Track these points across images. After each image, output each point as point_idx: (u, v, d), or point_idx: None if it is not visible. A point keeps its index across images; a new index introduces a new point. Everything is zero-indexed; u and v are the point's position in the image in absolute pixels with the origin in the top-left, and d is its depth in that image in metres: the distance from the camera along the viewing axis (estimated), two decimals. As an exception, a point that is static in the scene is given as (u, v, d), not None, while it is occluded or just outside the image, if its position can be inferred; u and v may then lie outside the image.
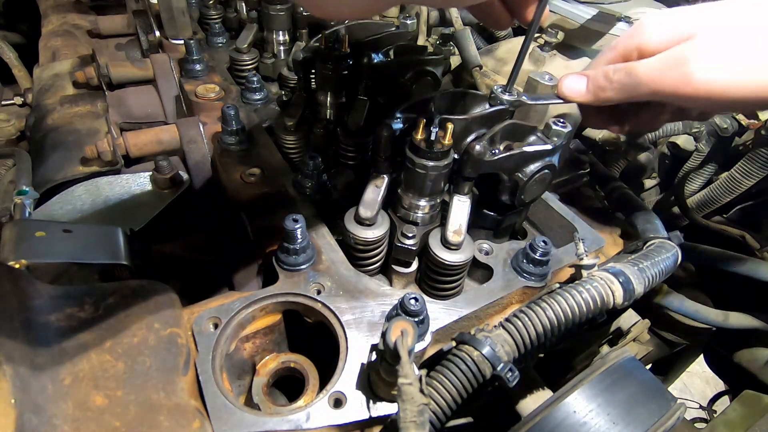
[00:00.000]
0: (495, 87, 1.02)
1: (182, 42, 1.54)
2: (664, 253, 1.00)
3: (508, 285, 0.98)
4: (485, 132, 0.97)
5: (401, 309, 0.78)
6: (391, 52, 1.29)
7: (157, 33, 1.62)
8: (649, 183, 1.96)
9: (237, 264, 1.00)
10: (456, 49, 1.56)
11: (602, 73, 0.87)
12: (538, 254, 0.98)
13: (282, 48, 1.58)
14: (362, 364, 0.79)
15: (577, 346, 1.25)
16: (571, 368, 1.28)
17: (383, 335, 0.67)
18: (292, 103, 1.31)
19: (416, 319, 0.78)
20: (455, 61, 1.65)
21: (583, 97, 0.91)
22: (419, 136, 0.90)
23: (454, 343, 0.84)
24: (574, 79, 0.92)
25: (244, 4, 1.74)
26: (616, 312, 0.90)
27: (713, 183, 1.65)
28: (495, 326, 0.85)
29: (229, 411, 0.72)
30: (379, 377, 0.73)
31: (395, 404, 0.76)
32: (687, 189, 1.69)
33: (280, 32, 1.56)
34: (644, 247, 1.06)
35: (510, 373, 0.78)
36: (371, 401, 0.77)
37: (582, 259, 0.93)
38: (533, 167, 0.98)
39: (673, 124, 1.61)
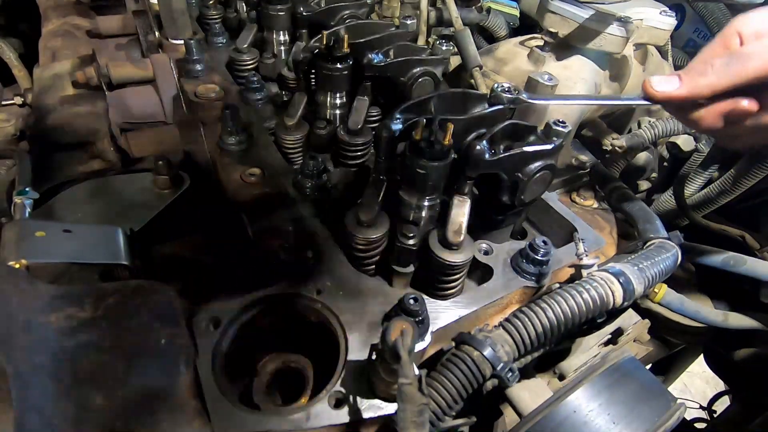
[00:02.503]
0: (495, 86, 1.02)
1: (182, 42, 1.54)
2: (664, 253, 1.00)
3: (508, 285, 0.99)
4: (485, 132, 0.97)
5: (401, 309, 0.79)
6: (391, 53, 1.29)
7: (157, 33, 1.62)
8: (648, 183, 1.96)
9: (237, 264, 1.00)
10: (456, 49, 1.57)
11: (699, 61, 0.83)
12: (538, 254, 0.98)
13: (282, 48, 1.58)
14: (362, 364, 0.80)
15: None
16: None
17: (383, 335, 0.67)
18: (292, 103, 1.31)
19: (416, 319, 0.78)
20: (455, 61, 1.65)
21: (677, 92, 0.84)
22: (419, 136, 0.90)
23: (453, 343, 0.84)
24: (663, 77, 0.87)
25: (244, 4, 1.74)
26: (616, 312, 0.90)
27: (713, 183, 1.65)
28: (495, 326, 0.85)
29: (229, 411, 0.72)
30: (379, 377, 0.73)
31: (395, 404, 0.76)
32: (687, 189, 1.69)
33: (280, 32, 1.56)
34: (644, 247, 1.06)
35: (510, 373, 0.78)
36: (371, 401, 0.77)
37: (582, 259, 0.93)
38: (533, 167, 0.98)
39: (673, 123, 1.61)
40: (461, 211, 0.97)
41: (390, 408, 0.76)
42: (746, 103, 0.82)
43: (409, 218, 1.01)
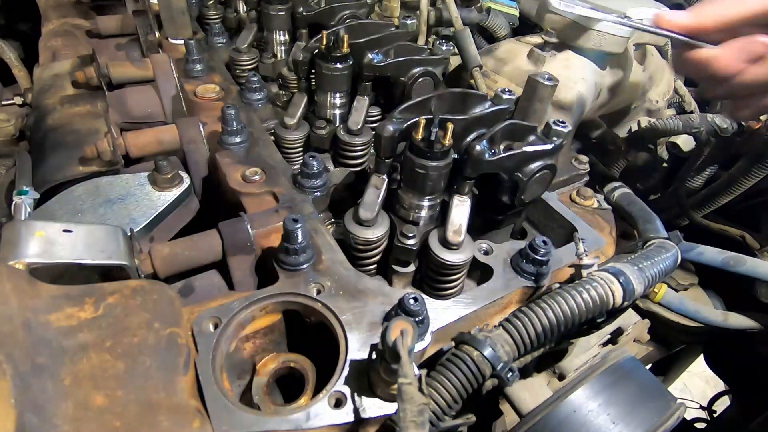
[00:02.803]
0: (498, 90, 1.02)
1: (182, 42, 1.54)
2: (664, 253, 1.00)
3: (508, 285, 0.99)
4: (485, 132, 0.97)
5: (401, 309, 0.79)
6: (391, 53, 1.29)
7: (157, 33, 1.62)
8: (647, 183, 1.96)
9: (237, 264, 1.00)
10: (456, 49, 1.57)
11: None
12: (538, 254, 0.98)
13: (282, 48, 1.58)
14: (362, 364, 0.80)
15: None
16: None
17: (383, 335, 0.67)
18: (292, 103, 1.31)
19: (416, 319, 0.78)
20: (455, 61, 1.65)
21: (683, 20, 0.83)
22: (419, 136, 0.90)
23: (453, 343, 0.84)
24: (673, 11, 0.86)
25: (243, 3, 1.74)
26: (616, 312, 0.90)
27: (713, 183, 1.65)
28: (495, 326, 0.85)
29: (229, 411, 0.72)
30: (379, 377, 0.73)
31: (395, 404, 0.76)
32: (687, 189, 1.69)
33: (280, 32, 1.56)
34: (644, 247, 1.06)
35: (509, 373, 0.78)
36: (371, 401, 0.77)
37: (582, 259, 0.93)
38: (533, 167, 0.99)
39: (673, 123, 1.61)
40: (461, 211, 0.97)
41: (390, 408, 0.76)
42: (765, 39, 0.78)
43: (409, 218, 1.01)
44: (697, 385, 3.88)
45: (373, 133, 0.99)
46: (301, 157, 1.29)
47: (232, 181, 1.12)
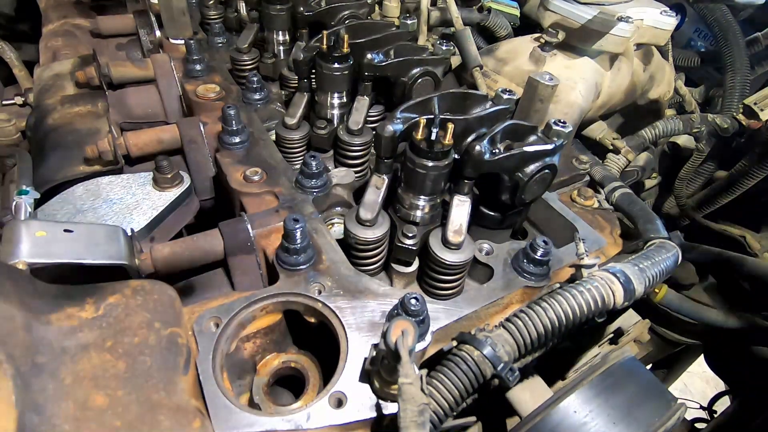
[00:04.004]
0: (499, 90, 1.02)
1: (183, 42, 1.55)
2: (665, 253, 1.00)
3: (509, 285, 0.99)
4: (486, 132, 0.97)
5: (402, 309, 0.79)
6: (391, 53, 1.29)
7: (158, 33, 1.62)
8: (649, 183, 1.96)
9: (237, 264, 1.00)
10: (456, 49, 1.57)
11: None
12: (538, 254, 0.98)
13: (282, 48, 1.58)
14: (363, 363, 0.80)
15: (577, 346, 1.25)
16: (571, 367, 1.28)
17: (384, 335, 0.67)
18: (293, 103, 1.31)
19: (417, 319, 0.78)
20: (455, 61, 1.65)
21: None
22: (420, 136, 0.90)
23: (454, 343, 0.84)
24: None
25: (244, 4, 1.74)
26: (616, 312, 0.90)
27: (713, 183, 1.66)
28: (495, 326, 0.85)
29: (230, 411, 0.72)
30: (379, 377, 0.73)
31: (396, 404, 0.76)
32: (687, 189, 1.69)
33: (281, 32, 1.56)
34: (645, 247, 1.06)
35: (510, 373, 0.78)
36: (372, 401, 0.77)
37: (582, 259, 0.93)
38: (533, 167, 0.98)
39: (674, 123, 1.61)
40: (461, 211, 0.97)
41: (391, 408, 0.76)
42: None
43: (410, 218, 1.01)
44: (697, 385, 3.88)
45: (374, 133, 0.99)
46: (302, 157, 1.29)
47: (233, 181, 1.12)
